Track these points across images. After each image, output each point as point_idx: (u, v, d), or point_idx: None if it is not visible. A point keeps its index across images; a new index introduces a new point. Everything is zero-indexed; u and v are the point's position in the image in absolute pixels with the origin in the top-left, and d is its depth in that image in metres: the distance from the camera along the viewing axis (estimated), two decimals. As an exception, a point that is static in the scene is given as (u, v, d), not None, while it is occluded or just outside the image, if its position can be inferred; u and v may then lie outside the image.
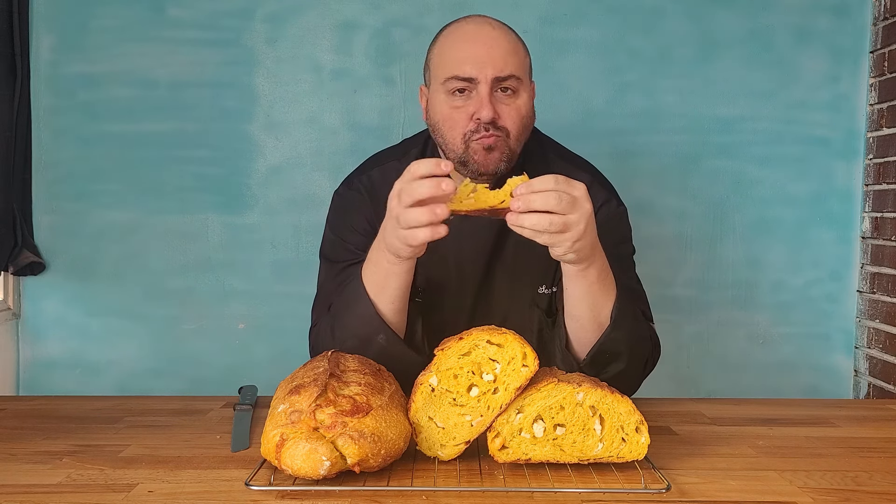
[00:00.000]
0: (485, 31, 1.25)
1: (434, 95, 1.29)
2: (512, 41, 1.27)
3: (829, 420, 1.25)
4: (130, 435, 1.12)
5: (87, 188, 2.23)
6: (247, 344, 2.27)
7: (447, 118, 1.26)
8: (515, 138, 1.26)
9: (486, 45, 1.23)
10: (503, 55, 1.23)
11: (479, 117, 1.22)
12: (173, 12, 2.21)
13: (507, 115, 1.24)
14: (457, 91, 1.24)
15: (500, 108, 1.24)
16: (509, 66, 1.23)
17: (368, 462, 0.91)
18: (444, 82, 1.25)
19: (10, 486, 0.92)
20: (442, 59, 1.27)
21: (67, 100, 2.22)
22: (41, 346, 2.24)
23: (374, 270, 1.18)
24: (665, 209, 2.30)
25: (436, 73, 1.28)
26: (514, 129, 1.25)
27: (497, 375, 0.97)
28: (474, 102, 1.24)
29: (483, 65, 1.22)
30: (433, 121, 1.30)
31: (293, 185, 2.26)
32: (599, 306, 1.18)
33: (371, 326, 1.17)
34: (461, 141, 1.25)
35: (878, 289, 2.26)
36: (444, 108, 1.26)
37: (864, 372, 2.32)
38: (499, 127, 1.24)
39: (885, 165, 2.23)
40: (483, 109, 1.22)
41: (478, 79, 1.22)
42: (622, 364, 1.21)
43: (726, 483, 0.95)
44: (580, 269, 1.13)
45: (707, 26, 2.27)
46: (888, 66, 2.23)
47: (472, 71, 1.23)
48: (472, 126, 1.24)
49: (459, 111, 1.25)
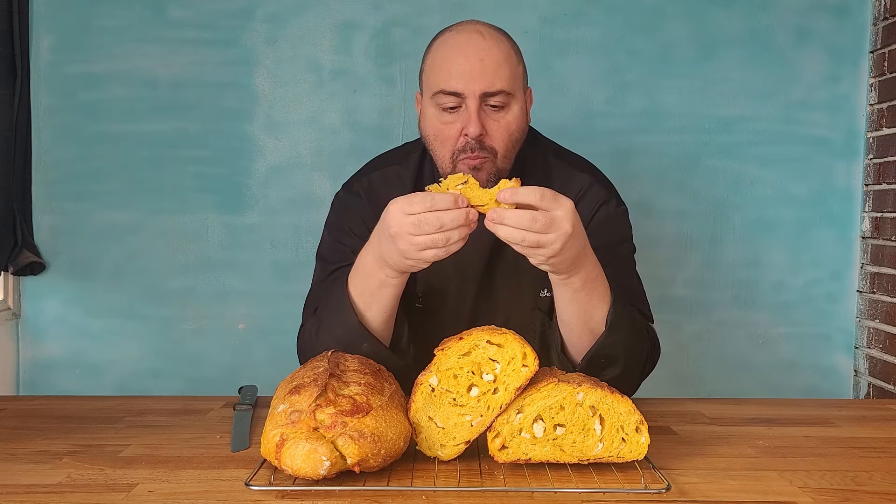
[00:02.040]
0: (475, 42, 1.23)
1: (425, 107, 1.29)
2: (504, 52, 1.24)
3: (829, 420, 1.25)
4: (130, 435, 1.12)
5: (87, 188, 2.23)
6: (247, 344, 2.27)
7: (437, 133, 1.26)
8: (503, 156, 1.26)
9: (476, 59, 1.21)
10: (493, 69, 1.21)
11: (467, 133, 1.22)
12: (174, 12, 2.21)
13: (496, 132, 1.24)
14: (447, 107, 1.23)
15: (489, 123, 1.23)
16: (499, 81, 1.22)
17: (368, 462, 0.91)
18: (433, 96, 1.25)
19: (10, 486, 0.92)
20: (432, 71, 1.26)
21: (67, 100, 2.21)
22: (41, 346, 2.24)
23: (365, 280, 1.17)
24: (665, 209, 2.30)
25: (426, 84, 1.28)
26: (501, 146, 1.25)
27: (497, 375, 0.97)
28: (462, 118, 1.23)
29: (471, 80, 1.21)
30: (425, 133, 1.30)
31: (293, 185, 2.26)
32: (589, 312, 1.17)
33: (354, 335, 1.17)
34: (450, 159, 1.25)
35: (878, 289, 2.26)
36: (435, 122, 1.26)
37: (864, 372, 2.32)
38: (485, 147, 1.23)
39: (885, 165, 2.23)
40: (470, 125, 1.21)
41: (465, 94, 1.21)
42: (618, 368, 1.21)
43: (726, 483, 0.95)
44: (561, 278, 1.14)
45: (707, 26, 2.27)
46: (888, 66, 2.23)
47: (460, 86, 1.21)
48: (461, 143, 1.23)
49: (449, 127, 1.24)
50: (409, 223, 1.04)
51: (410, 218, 1.04)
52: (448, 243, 1.04)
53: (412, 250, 1.06)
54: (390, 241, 1.07)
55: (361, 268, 1.18)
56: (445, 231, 1.03)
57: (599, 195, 1.36)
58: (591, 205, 1.35)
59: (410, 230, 1.04)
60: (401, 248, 1.06)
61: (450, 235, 1.03)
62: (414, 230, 1.04)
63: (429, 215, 1.03)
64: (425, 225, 1.03)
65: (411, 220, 1.04)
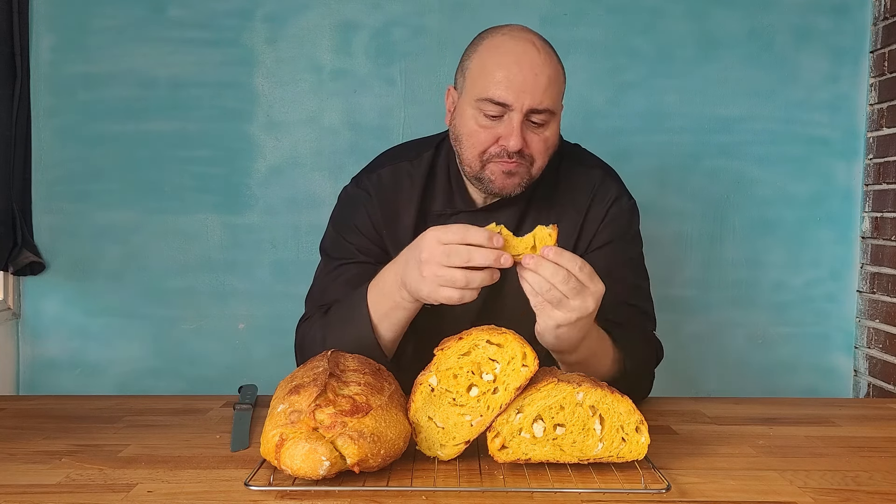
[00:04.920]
0: (530, 54, 1.19)
1: (463, 106, 1.25)
2: (554, 68, 1.21)
3: (829, 420, 1.25)
4: (130, 434, 1.12)
5: (87, 188, 2.23)
6: (247, 344, 2.27)
7: (472, 133, 1.23)
8: (539, 167, 1.25)
9: (529, 72, 1.18)
10: (544, 86, 1.19)
11: (506, 145, 1.20)
12: (173, 12, 2.21)
13: (534, 145, 1.22)
14: (490, 114, 1.21)
15: (529, 136, 1.21)
16: (547, 99, 1.19)
17: (368, 462, 0.91)
18: (477, 100, 1.21)
19: (9, 486, 0.92)
20: (481, 74, 1.21)
21: (67, 100, 2.21)
22: (41, 346, 2.24)
23: (381, 299, 1.17)
24: (665, 209, 2.29)
25: (471, 85, 1.23)
26: (539, 158, 1.24)
27: (497, 375, 0.97)
28: (504, 127, 1.20)
29: (521, 93, 1.18)
30: (457, 131, 1.27)
31: (293, 185, 2.26)
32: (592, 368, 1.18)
33: (363, 348, 1.17)
34: (479, 159, 1.24)
35: (878, 289, 2.26)
36: (472, 123, 1.23)
37: (863, 372, 2.32)
38: (524, 155, 1.22)
39: (885, 165, 2.23)
40: (512, 139, 1.19)
41: (513, 106, 1.19)
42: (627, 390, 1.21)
43: (726, 483, 0.95)
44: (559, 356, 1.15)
45: (707, 26, 2.27)
46: (888, 66, 2.22)
47: (510, 98, 1.18)
48: (496, 150, 1.22)
49: (487, 131, 1.22)
50: (441, 252, 1.03)
51: (443, 247, 1.03)
52: (467, 286, 1.03)
53: (434, 283, 1.04)
54: (417, 265, 1.06)
55: (381, 285, 1.17)
56: (470, 271, 1.02)
57: (611, 190, 1.36)
58: (605, 200, 1.35)
59: (441, 259, 1.03)
60: (426, 275, 1.05)
61: (472, 278, 1.03)
62: (444, 260, 1.03)
63: (460, 247, 1.02)
64: (455, 256, 1.02)
65: (443, 249, 1.03)
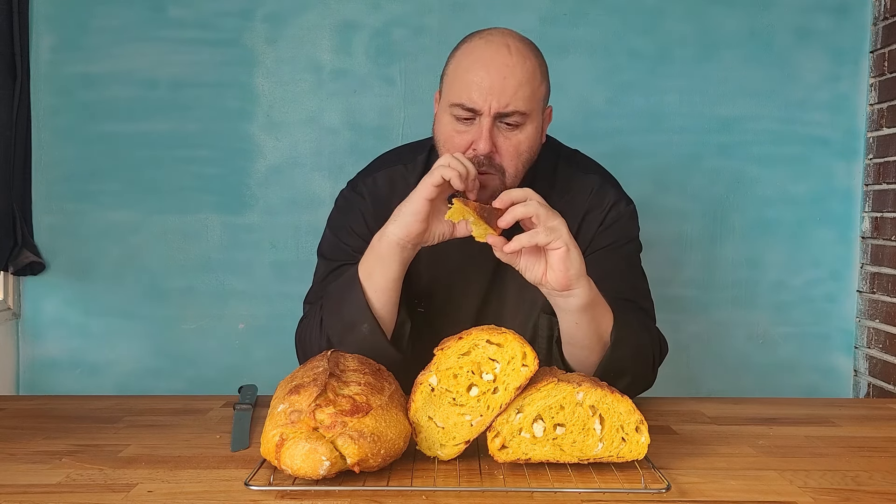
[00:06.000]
0: (501, 57, 1.19)
1: (441, 112, 1.27)
2: (527, 71, 1.21)
3: (829, 420, 1.25)
4: (130, 435, 1.12)
5: (87, 188, 2.23)
6: (247, 344, 2.27)
7: (448, 140, 1.25)
8: (513, 175, 1.24)
9: (497, 75, 1.19)
10: (514, 88, 1.19)
11: (476, 148, 1.21)
12: (173, 12, 2.21)
13: (506, 150, 1.22)
14: (462, 118, 1.22)
15: (500, 141, 1.22)
16: (516, 101, 1.19)
17: (368, 462, 0.91)
18: (450, 105, 1.23)
19: (9, 486, 0.92)
20: (454, 80, 1.23)
21: (67, 100, 2.21)
22: (41, 346, 2.24)
23: (367, 256, 1.21)
24: (665, 209, 2.29)
25: (447, 91, 1.25)
26: (510, 165, 1.23)
27: (497, 375, 0.97)
28: (474, 132, 1.21)
29: (489, 96, 1.18)
30: (437, 137, 1.29)
31: (293, 186, 2.26)
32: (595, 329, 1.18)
33: (358, 314, 1.19)
34: None
35: (878, 289, 2.26)
36: (447, 129, 1.24)
37: (863, 372, 2.32)
38: (494, 164, 1.22)
39: (885, 165, 2.23)
40: (480, 142, 1.20)
41: (481, 110, 1.20)
42: (628, 378, 1.21)
43: (726, 483, 0.95)
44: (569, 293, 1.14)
45: (707, 26, 2.27)
46: (888, 66, 2.22)
47: (477, 101, 1.19)
48: (469, 155, 1.22)
49: (460, 136, 1.23)
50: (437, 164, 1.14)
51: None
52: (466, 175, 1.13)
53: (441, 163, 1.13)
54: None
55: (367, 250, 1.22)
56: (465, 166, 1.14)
57: (609, 195, 1.36)
58: (603, 206, 1.35)
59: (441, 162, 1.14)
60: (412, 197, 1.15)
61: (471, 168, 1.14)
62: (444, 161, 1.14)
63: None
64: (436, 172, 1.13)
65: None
